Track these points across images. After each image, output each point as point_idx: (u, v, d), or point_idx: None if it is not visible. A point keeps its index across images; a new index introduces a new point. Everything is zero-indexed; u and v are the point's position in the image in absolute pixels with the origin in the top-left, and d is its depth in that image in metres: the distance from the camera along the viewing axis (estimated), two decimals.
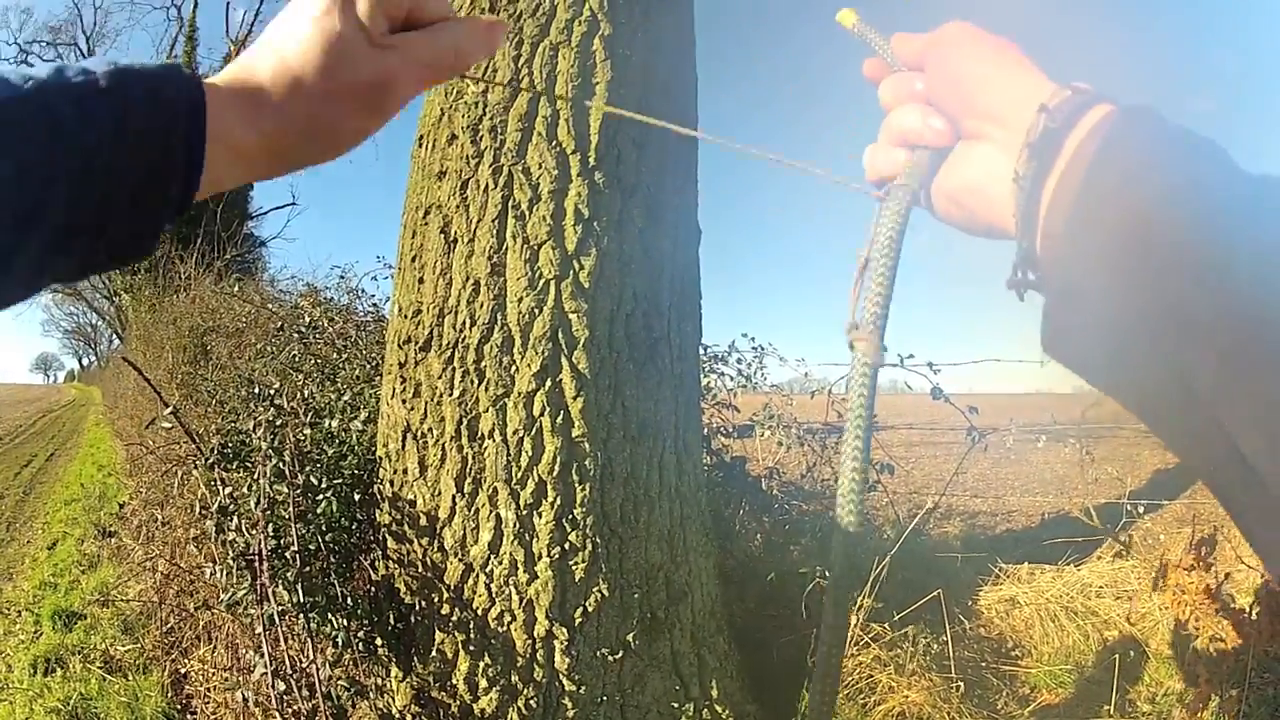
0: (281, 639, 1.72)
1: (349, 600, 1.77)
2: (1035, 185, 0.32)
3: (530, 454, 1.68)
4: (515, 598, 1.67)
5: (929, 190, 0.40)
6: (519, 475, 1.68)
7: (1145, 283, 0.27)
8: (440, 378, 1.75)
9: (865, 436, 0.37)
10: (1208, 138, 0.28)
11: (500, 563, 1.68)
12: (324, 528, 1.86)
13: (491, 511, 1.69)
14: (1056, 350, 0.32)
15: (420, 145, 1.95)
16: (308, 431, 2.00)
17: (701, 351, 2.65)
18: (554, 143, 1.72)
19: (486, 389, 1.70)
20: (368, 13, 0.38)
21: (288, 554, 1.77)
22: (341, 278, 4.37)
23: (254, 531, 1.79)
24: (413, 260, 1.89)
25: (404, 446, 1.82)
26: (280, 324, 4.20)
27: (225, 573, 1.85)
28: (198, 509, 2.27)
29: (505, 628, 1.68)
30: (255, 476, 1.86)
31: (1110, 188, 0.29)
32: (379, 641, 1.80)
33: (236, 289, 5.75)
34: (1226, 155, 0.28)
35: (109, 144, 0.32)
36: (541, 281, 1.70)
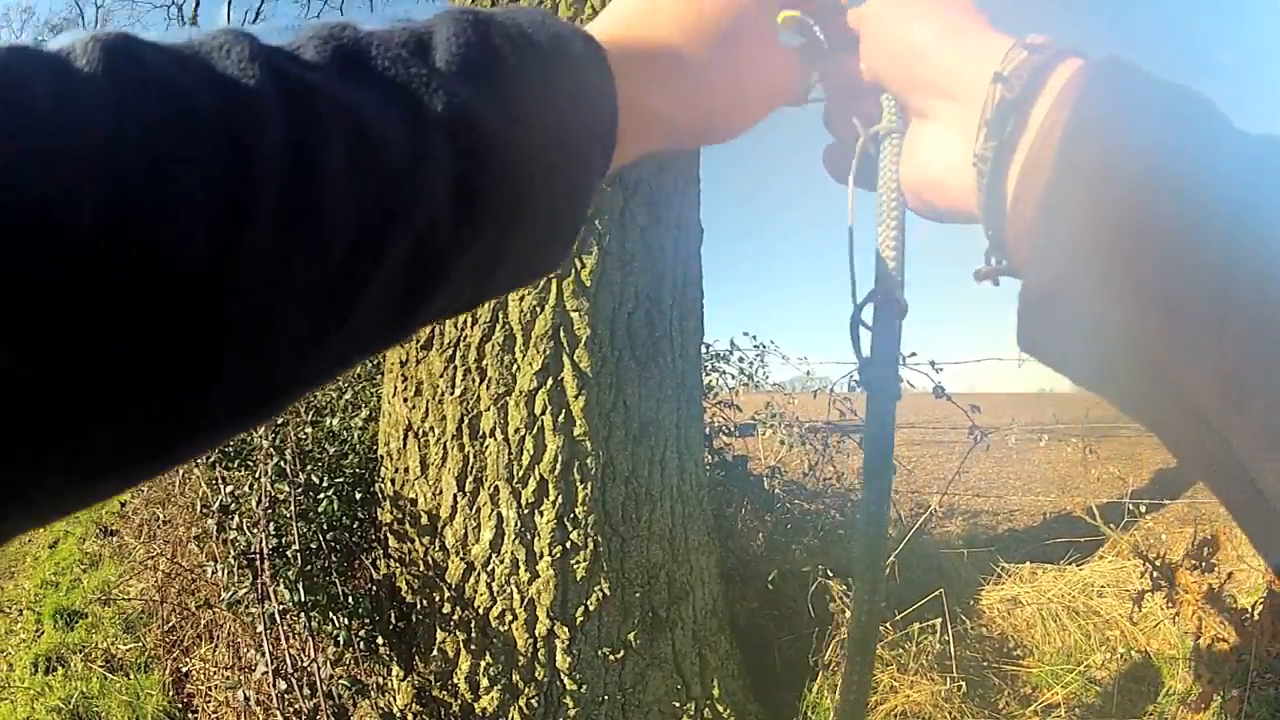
0: (282, 638, 1.72)
1: (350, 599, 1.77)
2: (998, 168, 0.27)
3: (532, 452, 1.67)
4: (517, 596, 1.67)
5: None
6: (520, 474, 1.67)
7: (1129, 284, 0.22)
8: (441, 376, 1.75)
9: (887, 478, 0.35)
10: (1196, 93, 0.23)
11: (501, 561, 1.68)
12: (325, 526, 1.86)
13: (493, 510, 1.69)
14: (1034, 348, 0.27)
15: None
16: (309, 430, 1.99)
17: (703, 350, 2.64)
18: None
19: (488, 387, 1.70)
20: None
21: (289, 553, 1.76)
22: None
23: (255, 530, 1.79)
24: None
25: (405, 445, 1.82)
26: None
27: (226, 571, 1.85)
28: (199, 507, 2.27)
29: (507, 626, 1.67)
30: (256, 475, 1.86)
31: (1085, 167, 0.24)
32: (380, 640, 1.79)
33: None
34: (1221, 116, 0.23)
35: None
36: (543, 279, 1.70)
